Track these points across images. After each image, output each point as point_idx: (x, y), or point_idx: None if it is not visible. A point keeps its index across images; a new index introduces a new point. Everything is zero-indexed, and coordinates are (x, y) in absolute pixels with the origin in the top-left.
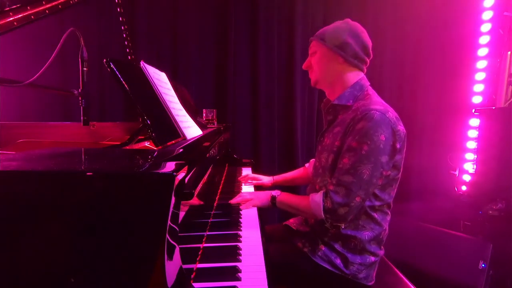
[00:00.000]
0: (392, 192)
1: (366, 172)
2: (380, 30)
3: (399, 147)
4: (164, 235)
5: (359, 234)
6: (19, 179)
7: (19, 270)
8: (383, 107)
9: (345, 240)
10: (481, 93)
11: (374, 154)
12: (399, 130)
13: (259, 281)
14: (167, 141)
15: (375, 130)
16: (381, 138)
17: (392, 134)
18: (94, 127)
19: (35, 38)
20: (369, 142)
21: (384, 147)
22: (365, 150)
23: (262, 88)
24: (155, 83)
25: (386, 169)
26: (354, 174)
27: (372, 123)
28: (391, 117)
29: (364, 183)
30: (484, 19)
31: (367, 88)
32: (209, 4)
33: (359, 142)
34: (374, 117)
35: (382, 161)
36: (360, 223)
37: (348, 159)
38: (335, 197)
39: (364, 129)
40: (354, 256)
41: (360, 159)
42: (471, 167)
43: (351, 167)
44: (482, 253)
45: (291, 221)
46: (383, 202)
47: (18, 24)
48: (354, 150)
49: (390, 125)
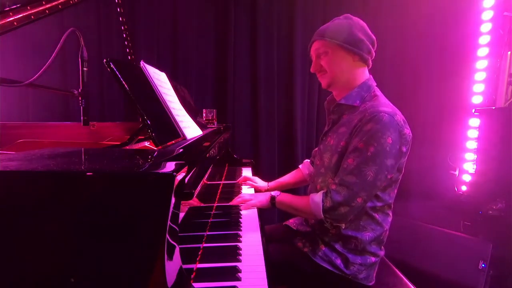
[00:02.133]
0: (393, 193)
1: (371, 174)
2: (380, 30)
3: (405, 151)
4: (164, 235)
5: (360, 235)
6: (19, 179)
7: (19, 270)
8: (392, 109)
9: (346, 241)
10: (481, 93)
11: (380, 156)
12: (406, 133)
13: (259, 281)
14: (167, 141)
15: (383, 132)
16: (388, 141)
17: (399, 137)
18: (94, 127)
19: (35, 38)
20: (376, 144)
21: (391, 150)
22: (371, 152)
23: (262, 88)
24: (155, 83)
25: (391, 172)
26: (358, 175)
27: (381, 125)
28: (399, 120)
29: (367, 184)
30: (484, 19)
31: (374, 89)
32: (209, 5)
33: (366, 144)
34: (383, 119)
35: (388, 164)
36: (361, 224)
37: (353, 159)
38: (336, 196)
39: (372, 131)
40: (355, 256)
41: (365, 160)
42: (471, 167)
43: (356, 168)
44: (482, 253)
45: (291, 221)
46: (384, 203)
47: (18, 24)
48: (360, 151)
49: (398, 128)
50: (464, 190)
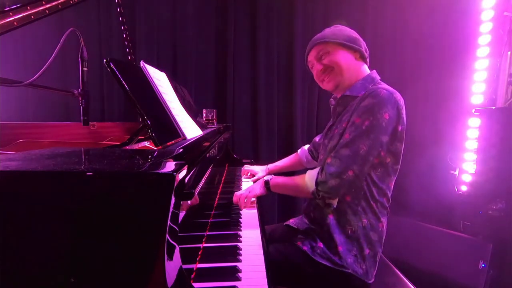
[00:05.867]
0: (391, 183)
1: (363, 148)
2: (380, 30)
3: (400, 131)
4: (164, 235)
5: (356, 220)
6: (19, 179)
7: (19, 270)
8: (392, 89)
9: (343, 226)
10: (481, 93)
11: (374, 131)
12: (404, 114)
13: (259, 281)
14: (167, 141)
15: (380, 107)
16: (385, 117)
17: (396, 115)
18: (94, 127)
19: (35, 38)
20: (372, 118)
21: (387, 126)
22: (366, 126)
23: (262, 88)
24: (155, 83)
25: (385, 150)
26: (351, 148)
27: (378, 99)
28: (398, 98)
29: (359, 158)
30: (484, 19)
31: (378, 81)
32: (209, 4)
33: (362, 118)
34: (381, 95)
35: (382, 140)
36: (359, 209)
37: (349, 134)
38: (329, 168)
39: (369, 106)
40: (350, 245)
41: (359, 134)
42: (471, 167)
43: (350, 141)
44: (482, 253)
45: (292, 221)
46: (382, 191)
47: (18, 24)
48: (355, 125)
49: (397, 105)
50: (464, 190)
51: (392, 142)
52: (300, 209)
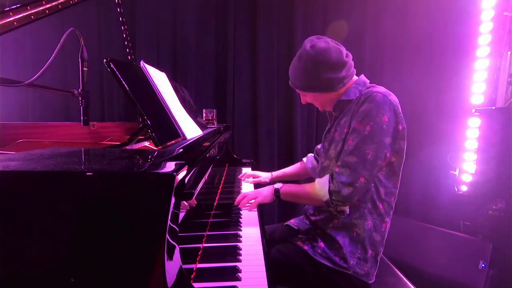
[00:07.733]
0: (397, 182)
1: (370, 152)
2: (380, 29)
3: (401, 129)
4: (164, 235)
5: (362, 223)
6: (19, 179)
7: (19, 270)
8: (386, 91)
9: (348, 229)
10: (481, 93)
11: (377, 134)
12: (401, 113)
13: (259, 281)
14: (167, 141)
15: (377, 111)
16: (384, 119)
17: (394, 115)
18: (94, 127)
19: (35, 38)
20: (372, 123)
21: (387, 128)
22: (368, 131)
23: (262, 88)
24: (155, 83)
25: (390, 151)
26: (358, 154)
27: (374, 104)
28: (393, 100)
29: (368, 163)
30: (484, 19)
31: (370, 84)
32: (209, 4)
33: (363, 123)
34: (376, 99)
35: (386, 142)
36: (365, 212)
37: (352, 140)
38: (340, 177)
39: (366, 111)
40: (355, 248)
41: (363, 139)
42: (471, 167)
43: (355, 148)
44: (482, 253)
45: (292, 221)
46: (388, 190)
47: (18, 24)
48: (357, 132)
49: (392, 106)
50: (464, 190)
51: (395, 141)
52: (300, 210)
